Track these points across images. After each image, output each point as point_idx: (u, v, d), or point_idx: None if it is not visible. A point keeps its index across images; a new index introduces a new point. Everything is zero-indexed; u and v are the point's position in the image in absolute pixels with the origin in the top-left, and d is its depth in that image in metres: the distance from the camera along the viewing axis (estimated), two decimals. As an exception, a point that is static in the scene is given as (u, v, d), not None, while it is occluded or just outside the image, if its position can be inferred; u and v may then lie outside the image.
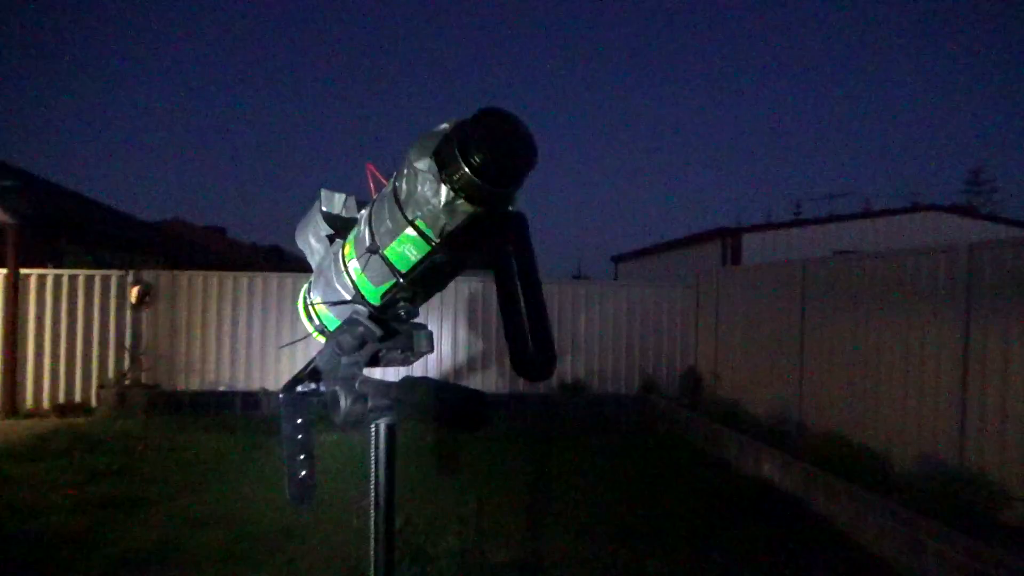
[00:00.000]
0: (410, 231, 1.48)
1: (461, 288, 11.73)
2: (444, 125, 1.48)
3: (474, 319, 11.81)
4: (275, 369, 11.39)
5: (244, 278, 11.55)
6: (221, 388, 11.15)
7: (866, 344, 7.64)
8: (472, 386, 9.17)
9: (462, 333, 11.78)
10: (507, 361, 11.79)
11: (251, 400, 10.97)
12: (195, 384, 11.16)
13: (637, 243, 27.37)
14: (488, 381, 11.69)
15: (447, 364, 11.62)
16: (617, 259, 24.46)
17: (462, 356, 11.78)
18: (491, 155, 1.37)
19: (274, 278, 11.65)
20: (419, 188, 1.43)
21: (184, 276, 11.40)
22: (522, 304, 1.40)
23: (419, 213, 1.45)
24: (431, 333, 1.76)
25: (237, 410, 10.86)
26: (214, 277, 11.45)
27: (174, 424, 9.86)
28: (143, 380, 11.06)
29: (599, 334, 12.15)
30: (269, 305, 11.42)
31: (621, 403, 11.58)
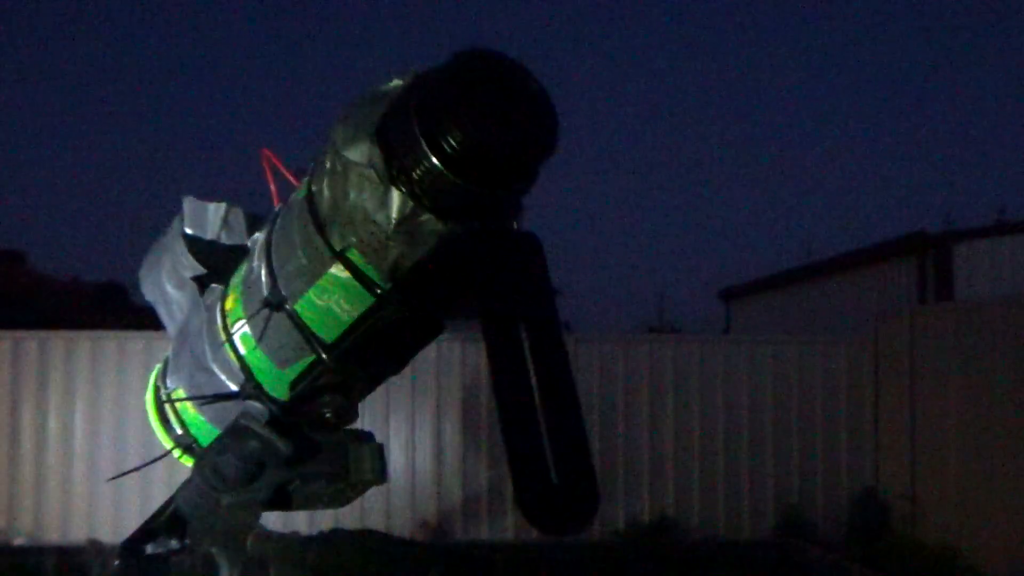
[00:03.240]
0: (338, 270, 1.51)
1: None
2: (395, 83, 1.51)
3: (443, 409, 11.80)
4: (118, 505, 11.41)
5: (59, 340, 11.65)
6: (18, 541, 11.17)
7: None
8: (451, 536, 9.13)
9: (425, 435, 11.77)
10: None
11: (73, 562, 10.97)
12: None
13: (763, 268, 27.34)
14: (475, 521, 11.64)
15: (397, 495, 11.60)
16: (728, 295, 24.38)
17: (425, 478, 11.73)
18: (480, 129, 1.40)
19: (110, 340, 11.75)
20: (352, 194, 1.45)
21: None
22: (535, 398, 1.41)
23: (353, 239, 1.48)
24: (380, 448, 1.78)
25: (47, 580, 10.85)
26: (3, 341, 11.56)
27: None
28: None
29: (698, 432, 12.08)
30: (104, 387, 11.49)
31: (743, 556, 11.46)
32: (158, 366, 1.96)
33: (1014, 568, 9.26)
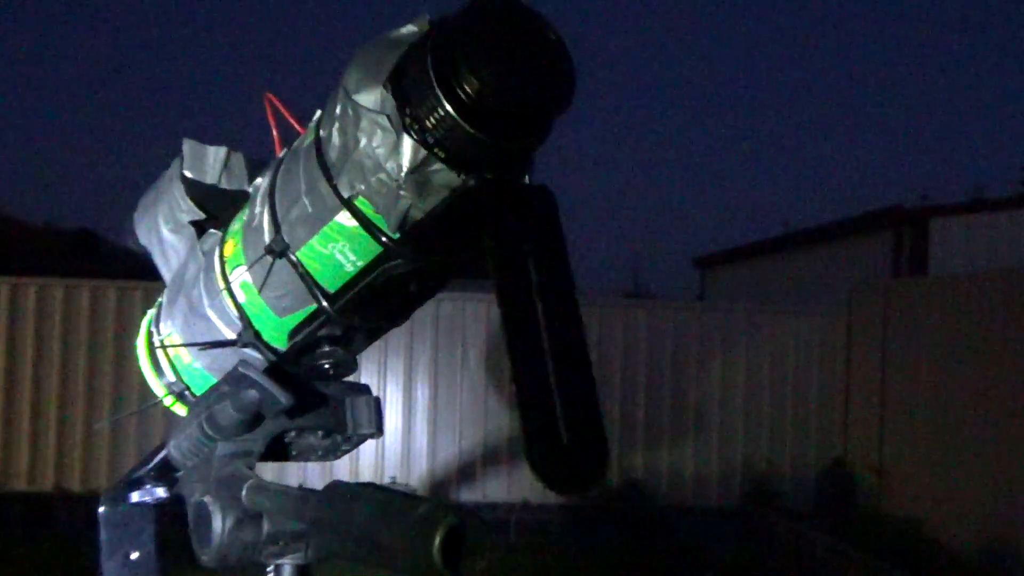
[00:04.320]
0: (345, 219, 1.48)
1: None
2: (409, 28, 1.48)
3: (442, 363, 11.79)
4: (87, 453, 11.38)
5: (31, 286, 11.57)
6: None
7: None
8: (440, 492, 9.17)
9: (421, 390, 11.76)
10: (507, 449, 11.82)
11: (39, 510, 10.96)
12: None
13: (738, 237, 27.52)
14: (469, 481, 11.66)
15: (390, 450, 11.60)
16: (703, 263, 24.47)
17: (420, 434, 11.74)
18: (497, 78, 1.37)
19: (83, 288, 11.68)
20: (363, 140, 1.42)
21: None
22: (548, 352, 1.39)
23: (362, 187, 1.44)
24: (378, 401, 1.75)
25: (15, 528, 10.84)
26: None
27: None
28: None
29: (671, 396, 12.13)
30: (77, 335, 11.47)
31: (710, 522, 11.54)
32: (151, 311, 1.92)
33: (978, 540, 9.35)
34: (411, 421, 11.82)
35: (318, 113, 1.63)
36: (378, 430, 1.73)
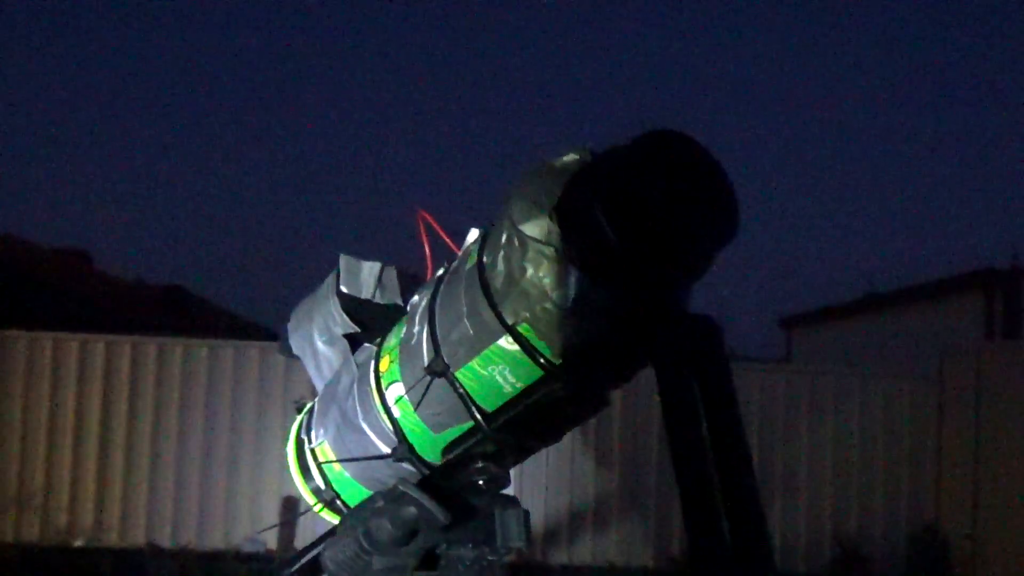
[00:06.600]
0: (507, 343, 1.49)
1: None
2: (571, 156, 1.49)
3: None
4: (176, 510, 11.49)
5: (125, 344, 11.74)
6: (78, 543, 11.26)
7: None
8: (525, 554, 9.09)
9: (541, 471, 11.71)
10: (593, 512, 11.73)
11: (131, 564, 11.05)
12: (31, 532, 11.31)
13: (824, 297, 27.11)
14: (554, 543, 11.60)
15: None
16: (789, 323, 24.17)
17: (539, 511, 11.67)
18: (664, 212, 1.39)
19: (177, 346, 11.81)
20: (529, 270, 1.44)
21: (9, 339, 11.65)
22: (715, 478, 1.41)
23: (526, 314, 1.46)
24: (527, 514, 1.77)
25: (106, 582, 10.93)
26: (72, 342, 11.67)
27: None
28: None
29: (757, 460, 11.95)
30: (169, 392, 11.60)
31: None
32: (300, 417, 1.96)
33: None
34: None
35: (473, 232, 1.65)
36: (527, 542, 1.73)
